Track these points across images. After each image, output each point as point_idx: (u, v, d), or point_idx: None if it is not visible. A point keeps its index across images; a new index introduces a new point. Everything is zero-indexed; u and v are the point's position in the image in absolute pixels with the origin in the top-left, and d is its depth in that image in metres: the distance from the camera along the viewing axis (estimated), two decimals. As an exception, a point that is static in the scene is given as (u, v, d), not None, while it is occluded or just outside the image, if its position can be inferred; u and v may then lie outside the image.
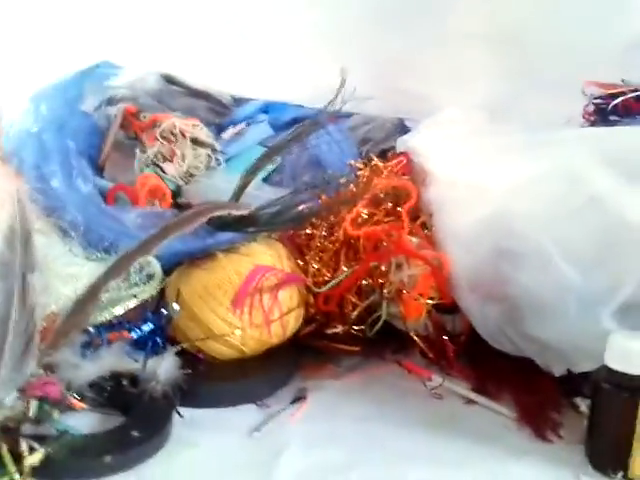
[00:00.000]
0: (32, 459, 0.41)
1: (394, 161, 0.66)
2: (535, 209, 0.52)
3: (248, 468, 0.45)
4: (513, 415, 0.54)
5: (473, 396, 0.57)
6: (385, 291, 0.63)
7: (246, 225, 0.57)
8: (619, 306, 0.49)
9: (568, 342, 0.53)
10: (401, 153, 0.67)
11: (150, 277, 0.53)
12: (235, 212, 0.55)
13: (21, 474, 0.41)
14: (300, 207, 0.56)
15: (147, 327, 0.54)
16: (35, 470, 0.41)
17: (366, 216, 0.62)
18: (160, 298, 0.58)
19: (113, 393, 0.50)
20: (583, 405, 0.53)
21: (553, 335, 0.53)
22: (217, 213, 0.53)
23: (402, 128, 0.81)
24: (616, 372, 0.45)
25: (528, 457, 0.48)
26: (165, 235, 0.47)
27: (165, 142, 0.70)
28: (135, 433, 0.46)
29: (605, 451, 0.46)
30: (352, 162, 0.66)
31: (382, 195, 0.63)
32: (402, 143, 0.68)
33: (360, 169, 0.65)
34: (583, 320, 0.50)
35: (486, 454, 0.48)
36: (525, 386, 0.57)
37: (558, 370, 0.56)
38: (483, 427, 0.52)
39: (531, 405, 0.54)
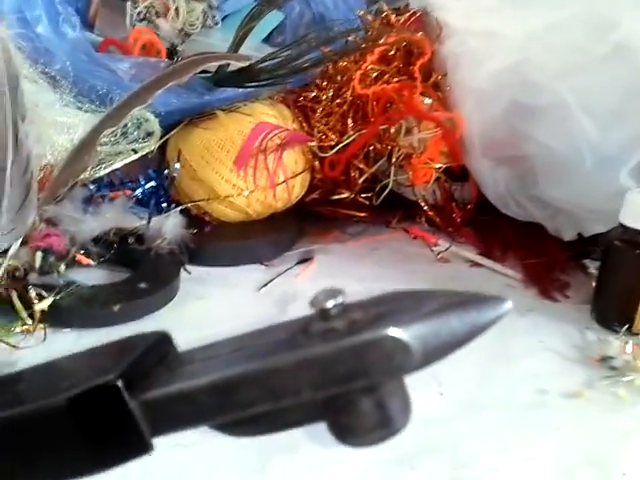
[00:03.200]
0: (41, 305, 0.41)
1: (407, 14, 0.60)
2: (555, 58, 0.48)
3: (256, 318, 0.45)
4: (519, 276, 0.54)
5: (479, 259, 0.57)
6: (393, 157, 0.61)
7: (246, 79, 0.53)
8: (638, 163, 0.47)
9: (581, 204, 0.51)
10: (414, 12, 0.62)
11: (149, 134, 0.51)
12: (234, 63, 0.51)
13: (32, 319, 0.41)
14: (303, 58, 0.51)
15: (149, 185, 0.52)
16: (45, 317, 0.42)
17: (375, 74, 0.59)
18: (161, 158, 0.56)
19: (120, 250, 0.49)
20: (592, 267, 0.53)
21: (566, 196, 0.52)
22: (215, 63, 0.49)
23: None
24: (630, 229, 0.44)
25: (532, 313, 0.48)
26: (161, 83, 0.44)
27: (157, -6, 0.65)
28: (143, 285, 0.46)
29: (612, 307, 0.46)
30: (361, 12, 0.60)
31: (393, 51, 0.59)
32: (417, -3, 0.62)
33: (369, 23, 0.60)
34: (599, 178, 0.48)
35: (490, 310, 0.48)
36: (532, 250, 0.56)
37: (568, 234, 0.55)
38: (488, 287, 0.52)
39: (537, 266, 0.54)
